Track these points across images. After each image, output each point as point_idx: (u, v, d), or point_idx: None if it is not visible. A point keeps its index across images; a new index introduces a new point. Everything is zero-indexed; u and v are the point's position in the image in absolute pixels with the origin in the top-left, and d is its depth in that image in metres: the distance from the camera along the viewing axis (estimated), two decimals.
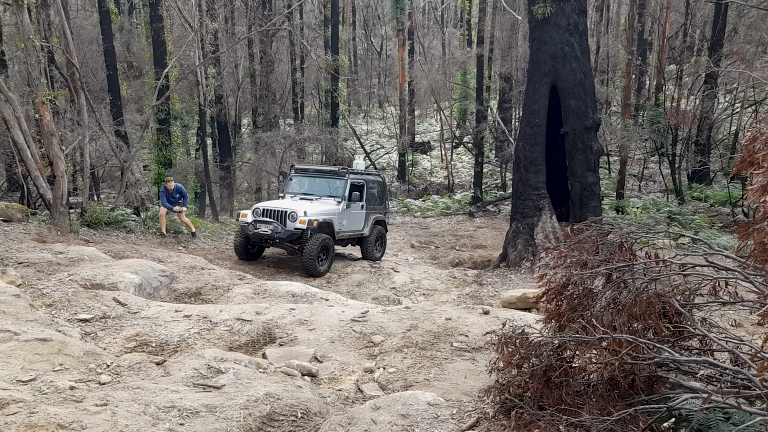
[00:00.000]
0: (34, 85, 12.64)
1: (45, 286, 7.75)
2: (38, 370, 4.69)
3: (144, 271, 9.11)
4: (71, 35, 14.05)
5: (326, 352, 5.98)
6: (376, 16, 41.49)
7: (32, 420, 3.58)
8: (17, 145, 12.99)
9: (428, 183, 28.12)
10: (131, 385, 4.51)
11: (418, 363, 5.49)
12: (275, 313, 7.11)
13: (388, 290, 11.40)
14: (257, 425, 3.98)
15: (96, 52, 24.25)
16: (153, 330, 6.56)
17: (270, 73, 26.83)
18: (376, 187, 14.39)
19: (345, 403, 4.70)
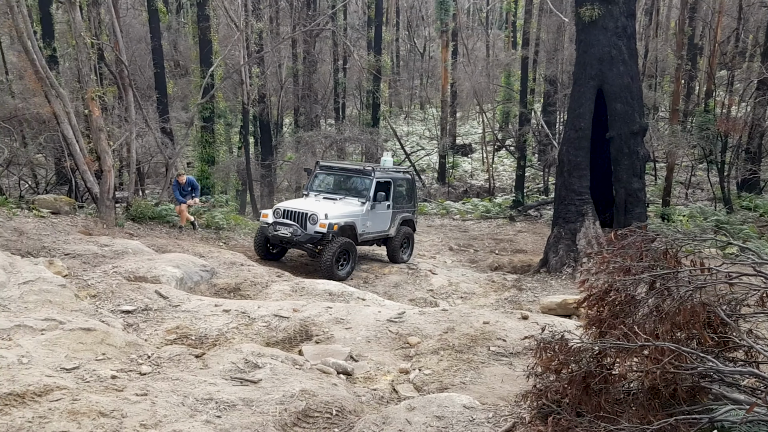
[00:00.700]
0: (84, 81, 12.99)
1: (90, 278, 7.95)
2: (82, 358, 4.81)
3: (185, 265, 9.27)
4: (120, 33, 14.39)
5: (362, 351, 5.98)
6: (420, 17, 41.43)
7: (75, 407, 3.66)
8: (67, 139, 13.35)
9: (468, 186, 27.93)
10: (171, 377, 4.58)
11: (454, 366, 5.45)
12: (312, 310, 7.14)
13: (425, 292, 11.35)
14: (292, 421, 4.00)
15: (144, 51, 24.79)
16: (193, 323, 6.66)
17: (312, 73, 27.04)
18: (404, 185, 13.88)
19: (380, 402, 4.69)
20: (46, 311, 5.83)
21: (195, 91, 23.38)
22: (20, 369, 4.23)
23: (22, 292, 6.17)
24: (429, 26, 40.01)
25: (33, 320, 5.40)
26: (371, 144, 23.66)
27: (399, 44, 40.51)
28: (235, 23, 19.22)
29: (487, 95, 28.45)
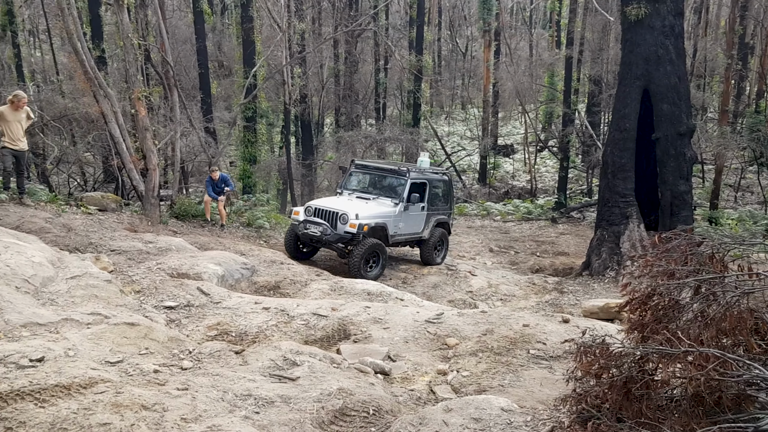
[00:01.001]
0: (131, 81, 13.31)
1: (135, 273, 8.13)
2: (125, 352, 4.91)
3: (227, 263, 9.40)
4: (167, 35, 14.67)
5: (399, 351, 5.97)
6: (462, 16, 41.20)
7: (118, 400, 3.74)
8: (114, 138, 13.68)
9: (510, 187, 27.67)
10: (211, 372, 4.65)
11: (492, 368, 5.40)
12: (350, 310, 7.16)
13: (464, 294, 11.28)
14: (329, 419, 4.01)
15: (189, 51, 25.26)
16: (233, 320, 6.75)
17: (354, 74, 27.14)
18: (440, 186, 13.63)
19: (417, 403, 4.67)
20: (92, 306, 5.98)
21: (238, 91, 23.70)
22: (67, 362, 4.34)
23: (69, 287, 6.34)
24: (471, 26, 39.76)
25: (79, 314, 5.54)
26: (411, 144, 23.63)
27: (441, 44, 40.36)
28: (277, 24, 19.43)
29: (529, 95, 28.12)
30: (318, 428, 3.91)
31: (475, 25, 36.52)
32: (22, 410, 3.54)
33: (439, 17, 39.73)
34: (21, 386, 3.83)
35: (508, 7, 41.89)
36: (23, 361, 4.24)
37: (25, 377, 3.98)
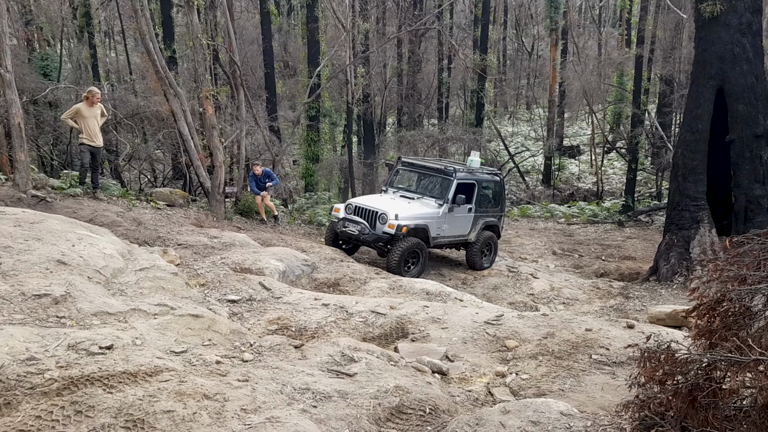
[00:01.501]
0: (200, 81, 13.70)
1: (200, 267, 8.35)
2: (189, 343, 5.05)
3: (288, 259, 9.54)
4: (234, 35, 15.03)
5: (457, 351, 5.92)
6: (529, 15, 40.57)
7: (181, 388, 3.84)
8: (183, 136, 14.12)
9: (575, 188, 27.06)
10: (271, 365, 4.72)
11: (552, 372, 5.28)
12: (409, 308, 7.15)
13: (525, 296, 11.10)
14: (386, 416, 4.01)
15: (255, 52, 25.78)
16: (293, 315, 6.84)
17: (417, 73, 27.12)
18: (491, 187, 13.08)
19: (474, 404, 4.62)
20: (159, 297, 6.18)
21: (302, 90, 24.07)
22: (134, 350, 4.49)
23: (138, 278, 6.57)
24: (538, 24, 39.10)
25: (147, 305, 5.73)
26: (474, 144, 23.42)
27: (506, 43, 39.83)
28: (342, 24, 19.60)
29: (597, 95, 27.45)
30: (374, 425, 3.91)
31: (541, 23, 35.91)
32: (92, 395, 3.68)
33: (504, 16, 39.22)
34: (91, 372, 3.99)
35: (577, 5, 41.00)
36: (93, 348, 4.41)
37: (95, 363, 4.15)
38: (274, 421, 3.57)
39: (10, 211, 7.37)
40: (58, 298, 5.29)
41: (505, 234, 18.80)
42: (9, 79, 9.85)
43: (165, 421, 3.47)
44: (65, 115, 11.31)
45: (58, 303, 5.24)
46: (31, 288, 5.36)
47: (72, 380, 3.85)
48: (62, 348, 4.37)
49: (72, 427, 3.36)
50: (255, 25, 28.87)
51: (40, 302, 5.21)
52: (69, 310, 5.21)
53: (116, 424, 3.41)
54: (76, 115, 10.98)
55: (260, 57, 24.79)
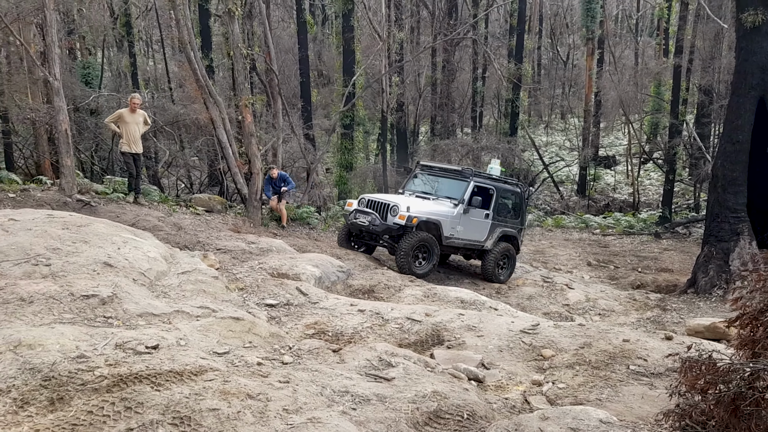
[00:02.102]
0: (239, 89, 13.95)
1: (238, 272, 8.51)
2: (231, 344, 5.16)
3: (324, 265, 9.65)
4: (272, 45, 15.29)
5: (493, 359, 5.93)
6: (564, 24, 40.32)
7: (225, 387, 3.95)
8: (221, 143, 14.40)
9: (610, 199, 26.74)
10: (310, 368, 4.81)
11: (589, 381, 5.26)
12: (444, 316, 7.18)
13: (560, 306, 11.02)
14: (424, 420, 4.06)
15: (290, 61, 26.14)
16: (330, 320, 6.93)
17: (451, 82, 27.16)
18: (511, 198, 12.87)
19: (511, 411, 4.63)
20: (200, 299, 6.33)
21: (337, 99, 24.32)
22: (178, 350, 4.62)
23: (180, 281, 6.73)
24: (574, 34, 38.84)
25: (189, 307, 5.88)
26: (508, 153, 23.36)
27: (541, 52, 39.64)
28: (378, 33, 19.77)
29: (634, 105, 27.10)
30: (413, 428, 3.96)
31: (577, 33, 35.66)
32: (140, 392, 3.80)
33: (540, 25, 39.05)
34: (138, 370, 4.12)
35: (613, 15, 40.62)
36: (140, 347, 4.55)
37: (142, 362, 4.28)
38: (315, 422, 3.65)
39: (58, 215, 7.61)
40: (105, 298, 5.46)
41: (539, 244, 18.69)
42: (57, 87, 10.19)
43: (211, 418, 3.57)
44: (108, 119, 11.64)
45: (105, 303, 5.41)
46: (80, 289, 5.55)
47: (121, 378, 3.98)
48: (110, 347, 4.52)
49: (122, 423, 3.48)
50: (290, 34, 29.32)
51: (88, 302, 5.39)
52: (116, 310, 5.38)
53: (164, 420, 3.52)
54: (118, 120, 11.29)
55: (295, 66, 25.13)
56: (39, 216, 7.38)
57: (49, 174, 15.25)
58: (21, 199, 9.97)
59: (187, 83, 18.92)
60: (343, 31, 22.74)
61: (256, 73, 18.49)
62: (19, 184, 11.12)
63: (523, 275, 12.90)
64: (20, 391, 3.83)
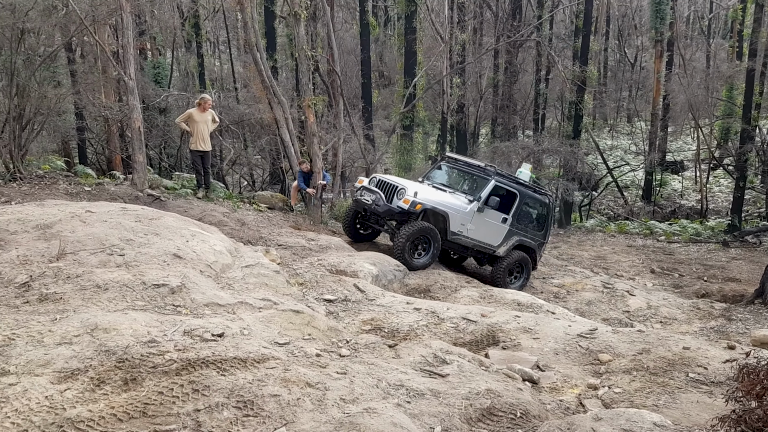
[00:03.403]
0: (303, 90, 14.26)
1: (298, 267, 8.74)
2: (291, 336, 5.35)
3: (381, 263, 9.79)
4: (335, 46, 15.56)
5: (549, 362, 5.93)
6: (633, 26, 39.34)
7: (286, 375, 4.12)
8: (284, 143, 14.76)
9: (677, 206, 26.01)
10: (366, 361, 4.94)
11: (647, 387, 5.21)
12: (500, 317, 7.20)
13: (620, 313, 10.83)
14: (477, 416, 4.12)
15: (352, 62, 26.47)
16: (386, 317, 7.05)
17: (513, 84, 26.95)
18: (535, 206, 12.11)
19: (565, 413, 4.64)
20: (262, 292, 6.56)
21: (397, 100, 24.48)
22: (242, 339, 4.83)
23: (244, 274, 6.99)
24: (642, 35, 37.85)
25: (252, 299, 6.10)
26: (571, 157, 23.00)
27: (607, 54, 38.80)
28: (440, 35, 19.82)
29: (704, 109, 26.26)
30: (466, 423, 4.03)
31: (646, 34, 34.76)
32: (207, 376, 4.01)
33: (606, 26, 38.22)
34: (205, 356, 4.33)
35: (684, 16, 39.40)
36: (206, 335, 4.78)
37: (209, 349, 4.50)
38: (371, 412, 3.76)
39: (131, 208, 8.01)
40: (174, 288, 5.74)
41: (601, 250, 18.37)
42: (132, 87, 10.69)
43: (272, 404, 3.74)
44: (179, 118, 12.12)
45: (174, 293, 5.68)
46: (151, 278, 5.85)
47: (189, 362, 4.21)
48: (179, 333, 4.76)
49: (190, 404, 3.68)
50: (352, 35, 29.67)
51: (159, 291, 5.68)
52: (184, 299, 5.65)
53: (229, 403, 3.71)
54: (188, 120, 11.75)
55: (356, 67, 25.47)
56: (113, 209, 7.79)
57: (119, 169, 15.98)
58: (96, 193, 10.50)
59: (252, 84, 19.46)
60: (406, 32, 22.90)
61: (319, 74, 18.85)
62: (94, 178, 11.71)
63: (583, 280, 12.73)
64: (97, 371, 4.10)
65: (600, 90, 34.03)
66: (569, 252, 18.02)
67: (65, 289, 5.49)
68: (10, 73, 9.76)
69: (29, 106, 10.46)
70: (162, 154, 20.08)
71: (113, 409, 3.62)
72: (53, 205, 7.93)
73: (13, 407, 3.60)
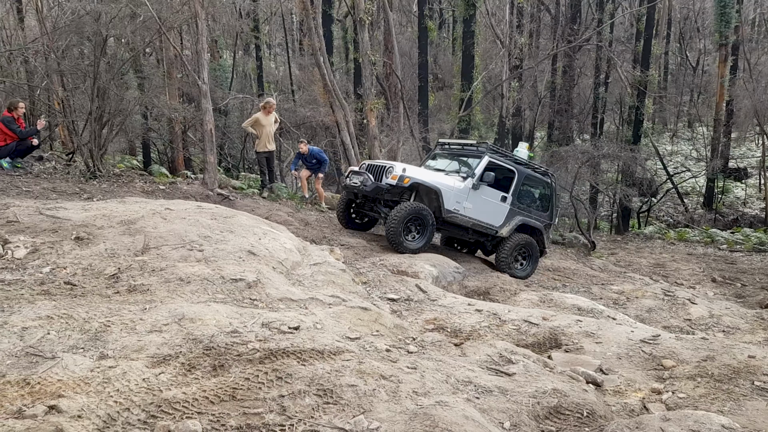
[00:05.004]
0: (366, 94, 14.57)
1: (361, 267, 9.01)
2: (360, 332, 5.59)
3: (441, 265, 9.98)
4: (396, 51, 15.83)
5: (612, 366, 6.00)
6: (695, 29, 38.36)
7: (361, 367, 4.35)
8: (344, 145, 15.10)
9: (740, 214, 25.29)
10: (434, 358, 5.13)
11: (711, 393, 5.24)
12: (562, 321, 7.29)
13: (681, 321, 10.70)
14: (544, 414, 4.27)
15: (407, 64, 26.68)
16: (448, 317, 7.23)
17: (572, 87, 26.70)
18: (537, 186, 11.83)
19: (630, 414, 4.74)
20: (331, 289, 6.83)
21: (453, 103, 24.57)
22: (316, 332, 5.09)
23: (312, 272, 7.29)
24: (705, 39, 36.89)
25: (322, 295, 6.38)
26: (631, 162, 22.64)
27: (668, 58, 37.95)
28: (500, 39, 19.86)
29: None
30: (533, 420, 4.19)
31: (709, 37, 33.89)
32: (288, 365, 4.28)
33: (668, 29, 37.39)
34: (285, 347, 4.61)
35: (749, 19, 38.20)
36: (283, 327, 5.06)
37: (287, 340, 4.77)
38: (443, 405, 3.96)
39: (206, 206, 8.42)
40: (250, 283, 6.06)
41: (660, 257, 18.09)
42: (205, 90, 11.17)
43: (350, 393, 3.97)
44: (246, 123, 12.59)
45: (250, 287, 6.01)
46: (229, 273, 6.19)
47: (270, 351, 4.49)
48: (258, 325, 5.06)
49: (275, 390, 3.95)
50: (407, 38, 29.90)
51: (236, 285, 6.01)
52: (259, 294, 5.96)
53: (309, 391, 3.96)
54: (255, 124, 12.21)
55: (412, 70, 25.64)
56: (190, 207, 8.20)
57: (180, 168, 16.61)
58: (170, 191, 11.02)
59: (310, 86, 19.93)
60: (464, 36, 22.99)
61: (377, 77, 19.15)
62: (167, 177, 12.27)
63: (643, 287, 12.60)
64: (187, 357, 4.42)
65: (660, 94, 33.34)
66: (627, 259, 17.81)
67: (151, 281, 5.87)
68: (93, 77, 10.35)
69: (108, 107, 11.05)
70: (224, 155, 20.74)
71: (205, 392, 3.92)
72: (134, 202, 8.42)
73: (115, 387, 3.94)
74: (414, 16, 30.98)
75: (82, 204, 8.29)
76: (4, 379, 3.86)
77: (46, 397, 3.70)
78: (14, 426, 3.28)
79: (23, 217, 7.12)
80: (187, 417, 3.61)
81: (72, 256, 6.31)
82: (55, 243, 6.54)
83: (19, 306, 5.04)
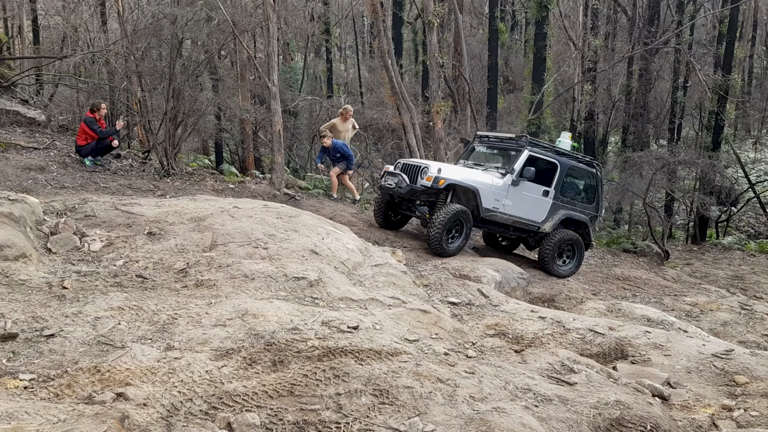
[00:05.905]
0: (432, 96, 14.54)
1: (423, 269, 9.00)
2: (419, 334, 5.58)
3: (504, 270, 9.84)
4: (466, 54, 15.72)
5: (680, 380, 5.77)
6: None
7: (418, 369, 4.35)
8: (410, 147, 15.09)
9: None
10: (493, 363, 5.07)
11: None
12: (629, 332, 7.06)
13: (758, 336, 10.16)
14: (606, 425, 4.14)
15: (477, 66, 26.42)
16: (510, 323, 7.12)
17: (648, 91, 25.81)
18: (582, 177, 11.29)
19: (697, 431, 4.54)
20: (391, 291, 6.85)
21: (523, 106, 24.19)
22: (375, 333, 5.12)
23: (373, 273, 7.33)
24: None
25: (382, 296, 6.41)
26: (709, 169, 21.69)
27: (753, 61, 36.18)
28: (573, 42, 19.45)
29: None
30: (594, 431, 4.07)
31: None
32: (346, 363, 4.32)
33: (753, 31, 35.63)
34: (343, 346, 4.65)
35: None
36: (343, 326, 5.11)
37: (345, 339, 4.82)
38: (500, 411, 3.90)
39: (272, 206, 8.61)
40: (312, 281, 6.16)
41: (738, 269, 17.26)
42: (275, 92, 11.42)
43: (406, 394, 3.97)
44: (323, 127, 12.83)
45: (312, 286, 6.10)
46: (292, 271, 6.30)
47: (329, 350, 4.54)
48: (318, 323, 5.13)
49: (332, 388, 3.99)
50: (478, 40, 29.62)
51: (299, 284, 6.11)
52: (321, 293, 6.05)
53: (366, 390, 3.98)
54: (331, 129, 12.44)
55: (482, 72, 25.39)
56: (257, 206, 8.41)
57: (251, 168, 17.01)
58: (239, 190, 11.32)
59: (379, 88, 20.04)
60: (536, 38, 22.59)
61: (445, 79, 19.06)
62: (237, 177, 12.61)
63: (718, 300, 12.05)
64: (248, 352, 4.53)
65: (744, 99, 31.80)
66: (703, 270, 17.06)
67: (217, 276, 6.05)
68: (168, 78, 10.76)
69: (183, 108, 11.45)
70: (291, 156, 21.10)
71: (264, 387, 4.00)
72: (204, 200, 8.69)
73: (179, 378, 4.07)
74: (485, 18, 30.68)
75: (155, 201, 8.64)
76: (77, 366, 4.06)
77: (114, 385, 3.86)
78: (84, 410, 3.43)
79: (100, 212, 7.47)
80: (246, 410, 3.69)
81: (144, 250, 6.57)
82: (129, 237, 6.83)
83: (93, 297, 5.28)
